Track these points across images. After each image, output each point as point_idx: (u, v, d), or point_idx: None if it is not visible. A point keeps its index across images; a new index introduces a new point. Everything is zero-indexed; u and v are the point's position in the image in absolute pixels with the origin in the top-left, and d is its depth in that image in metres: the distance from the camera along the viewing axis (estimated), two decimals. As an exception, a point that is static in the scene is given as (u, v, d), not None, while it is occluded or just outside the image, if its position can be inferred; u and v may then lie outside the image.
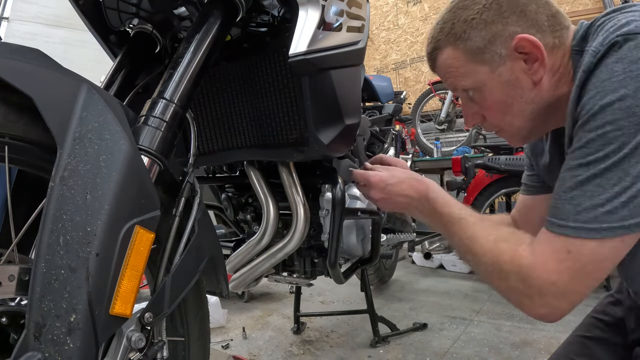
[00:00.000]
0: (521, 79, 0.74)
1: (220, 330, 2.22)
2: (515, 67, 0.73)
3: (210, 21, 0.81)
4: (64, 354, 0.50)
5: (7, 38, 4.21)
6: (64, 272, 0.51)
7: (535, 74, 0.73)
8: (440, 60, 0.80)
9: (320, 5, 0.85)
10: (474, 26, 0.73)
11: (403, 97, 2.73)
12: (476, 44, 0.74)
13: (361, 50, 0.99)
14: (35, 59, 0.59)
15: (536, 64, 0.72)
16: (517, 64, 0.73)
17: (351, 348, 1.97)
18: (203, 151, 1.17)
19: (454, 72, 0.79)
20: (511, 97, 0.76)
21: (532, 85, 0.74)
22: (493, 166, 2.69)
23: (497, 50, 0.73)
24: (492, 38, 0.72)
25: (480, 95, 0.79)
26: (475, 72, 0.76)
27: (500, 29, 0.72)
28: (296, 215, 1.13)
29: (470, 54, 0.75)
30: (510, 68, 0.73)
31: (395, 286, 3.01)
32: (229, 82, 1.07)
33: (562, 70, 0.73)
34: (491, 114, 0.80)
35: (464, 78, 0.78)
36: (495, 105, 0.78)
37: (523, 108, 0.76)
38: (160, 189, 0.72)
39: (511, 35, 0.71)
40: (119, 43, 1.05)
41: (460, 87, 0.80)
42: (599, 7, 4.15)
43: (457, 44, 0.76)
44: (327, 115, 0.95)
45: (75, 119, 0.56)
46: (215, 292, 0.90)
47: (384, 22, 5.96)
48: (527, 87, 0.74)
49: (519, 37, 0.70)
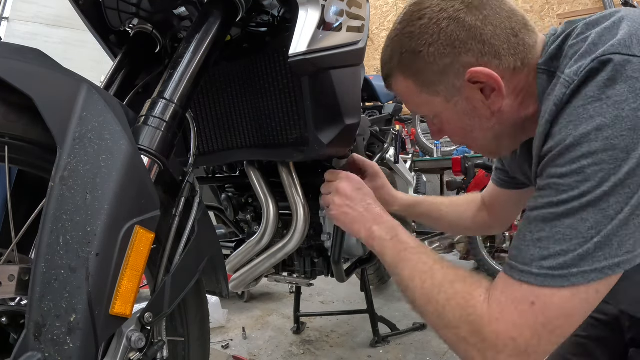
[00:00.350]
0: (478, 108, 0.69)
1: (220, 330, 2.22)
2: (471, 98, 0.68)
3: (210, 21, 0.81)
4: (64, 354, 0.50)
5: (7, 38, 4.21)
6: (64, 272, 0.51)
7: (493, 105, 0.67)
8: (394, 87, 0.77)
9: (320, 5, 0.85)
10: (423, 59, 0.67)
11: (403, 97, 2.73)
12: (427, 77, 0.69)
13: (361, 50, 0.99)
14: (35, 59, 0.59)
15: (493, 94, 0.66)
16: (473, 94, 0.68)
17: (351, 348, 1.97)
18: (203, 151, 1.17)
19: (408, 101, 0.77)
20: (470, 126, 0.72)
21: (491, 114, 0.69)
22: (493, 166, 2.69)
23: (450, 82, 0.68)
24: (443, 71, 0.67)
25: (439, 121, 0.76)
26: (429, 102, 0.72)
27: (450, 62, 0.66)
28: (296, 215, 1.13)
29: (422, 86, 0.71)
30: (465, 98, 0.69)
31: (395, 286, 3.00)
32: (229, 82, 1.07)
33: (528, 90, 0.68)
34: (453, 136, 0.78)
35: (419, 107, 0.76)
36: (455, 131, 0.76)
37: (484, 134, 0.73)
38: (160, 189, 0.72)
39: (464, 66, 0.65)
40: (119, 43, 1.05)
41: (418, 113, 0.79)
42: (599, 7, 4.15)
43: (407, 75, 0.72)
44: (327, 115, 0.95)
45: (75, 119, 0.56)
46: (215, 292, 0.90)
47: (384, 22, 5.96)
48: (486, 116, 0.69)
49: (471, 70, 0.65)
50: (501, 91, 0.65)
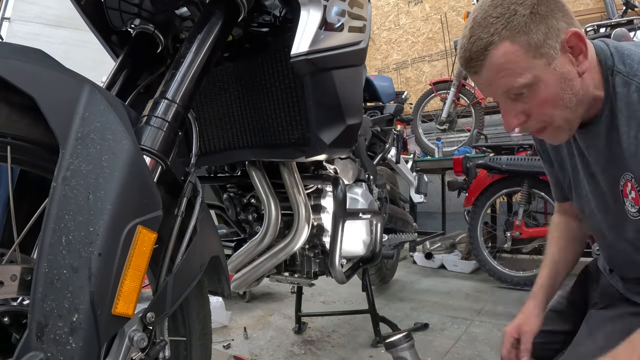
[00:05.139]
0: (570, 71, 0.77)
1: (221, 330, 2.22)
2: (566, 60, 0.76)
3: (212, 21, 0.81)
4: (66, 354, 0.50)
5: (9, 38, 4.21)
6: (67, 272, 0.51)
7: (580, 65, 0.77)
8: (495, 57, 0.76)
9: (322, 6, 0.85)
10: (533, 20, 0.74)
11: (404, 97, 2.73)
12: (536, 38, 0.74)
13: (362, 51, 0.99)
14: (38, 59, 0.59)
15: (581, 56, 0.76)
16: (567, 57, 0.76)
17: (352, 348, 1.97)
18: (205, 151, 1.17)
19: (511, 69, 0.77)
20: (563, 90, 0.77)
21: (578, 76, 0.77)
22: (494, 166, 2.69)
23: (552, 44, 0.74)
24: (548, 32, 0.74)
25: (533, 92, 0.78)
26: (534, 66, 0.76)
27: (554, 23, 0.74)
28: (298, 215, 1.13)
29: (530, 48, 0.75)
30: (562, 61, 0.76)
31: (397, 286, 3.01)
32: (230, 82, 1.07)
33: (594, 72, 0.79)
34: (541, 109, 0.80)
35: (523, 74, 0.77)
36: (548, 99, 0.78)
37: (571, 99, 0.79)
38: (162, 189, 0.72)
39: (562, 29, 0.74)
40: (121, 43, 1.05)
41: (516, 85, 0.78)
42: (600, 7, 4.14)
43: (516, 38, 0.74)
44: (329, 115, 0.95)
45: (78, 119, 0.56)
46: (216, 292, 0.90)
47: (385, 22, 5.96)
48: (575, 78, 0.77)
49: (570, 31, 0.74)
50: (587, 53, 0.76)
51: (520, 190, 2.68)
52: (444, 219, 4.08)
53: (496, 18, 0.75)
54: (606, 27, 3.28)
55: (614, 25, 3.26)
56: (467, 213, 2.94)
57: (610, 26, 3.27)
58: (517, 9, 0.74)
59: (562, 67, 0.76)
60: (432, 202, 4.07)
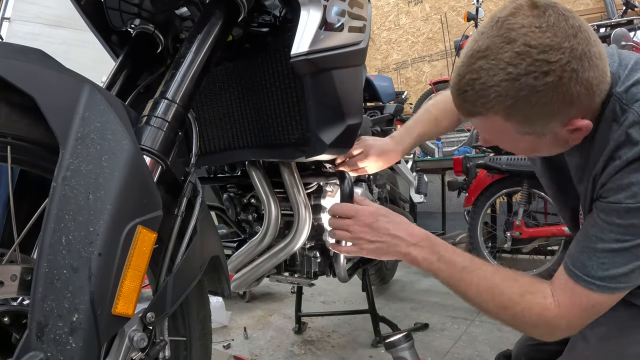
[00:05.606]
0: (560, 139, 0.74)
1: (221, 330, 2.22)
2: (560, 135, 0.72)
3: (212, 21, 0.81)
4: (66, 354, 0.50)
5: (9, 38, 4.21)
6: (67, 272, 0.51)
7: (574, 140, 0.74)
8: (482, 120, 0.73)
9: (322, 6, 0.85)
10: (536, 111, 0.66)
11: (404, 97, 2.73)
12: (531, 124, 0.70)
13: (363, 51, 0.99)
14: (38, 59, 0.59)
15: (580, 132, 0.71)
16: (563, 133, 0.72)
17: (352, 348, 1.97)
18: (205, 151, 1.17)
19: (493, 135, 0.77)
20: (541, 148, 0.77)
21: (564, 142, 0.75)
22: (494, 166, 2.69)
23: (550, 126, 0.70)
24: (548, 121, 0.69)
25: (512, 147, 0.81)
26: (518, 140, 0.74)
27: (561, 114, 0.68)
28: (298, 215, 1.13)
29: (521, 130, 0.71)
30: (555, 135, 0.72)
31: (397, 286, 3.01)
32: (230, 82, 1.07)
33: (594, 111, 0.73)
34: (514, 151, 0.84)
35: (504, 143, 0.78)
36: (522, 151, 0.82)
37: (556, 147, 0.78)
38: (162, 189, 0.72)
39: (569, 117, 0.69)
40: (121, 43, 1.05)
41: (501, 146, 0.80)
42: (600, 7, 4.14)
43: (509, 119, 0.69)
44: (329, 115, 0.95)
45: (78, 119, 0.56)
46: (216, 292, 0.90)
47: (385, 22, 5.96)
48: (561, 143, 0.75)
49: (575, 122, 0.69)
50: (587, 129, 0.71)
51: (520, 190, 2.69)
52: (444, 219, 4.08)
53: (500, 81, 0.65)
54: (606, 27, 3.28)
55: (614, 25, 3.26)
56: (467, 213, 2.94)
57: (610, 26, 3.27)
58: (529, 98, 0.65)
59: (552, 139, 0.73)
60: (432, 202, 4.07)
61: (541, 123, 0.70)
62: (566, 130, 0.71)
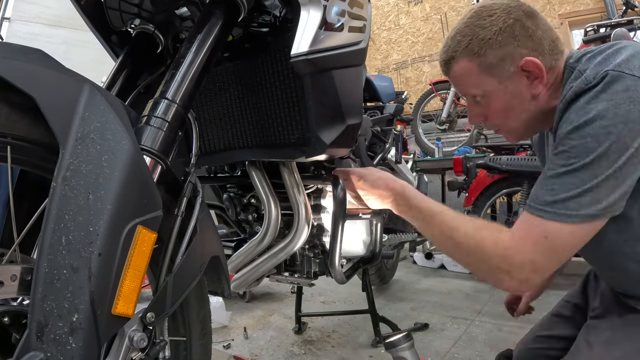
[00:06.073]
0: (523, 92, 0.86)
1: (221, 330, 2.22)
2: (519, 82, 0.85)
3: (212, 21, 0.81)
4: (66, 354, 0.50)
5: (9, 38, 4.21)
6: (66, 272, 0.51)
7: (534, 89, 0.86)
8: (455, 69, 0.90)
9: (322, 6, 0.85)
10: (490, 45, 0.84)
11: (404, 97, 2.73)
12: (489, 60, 0.85)
13: (362, 51, 0.99)
14: (37, 59, 0.59)
15: (536, 81, 0.84)
16: (521, 80, 0.85)
17: (352, 348, 1.97)
18: (205, 151, 1.17)
19: (466, 81, 0.90)
20: (512, 105, 0.88)
21: (531, 97, 0.87)
22: (494, 166, 2.69)
23: (506, 67, 0.84)
24: (503, 57, 0.84)
25: (486, 101, 0.90)
26: (484, 82, 0.88)
27: (511, 50, 0.83)
28: (298, 215, 1.13)
29: (482, 67, 0.86)
30: (515, 82, 0.85)
31: (397, 286, 3.01)
32: (230, 82, 1.07)
33: (555, 86, 0.86)
34: (493, 116, 0.93)
35: (475, 87, 0.90)
36: (497, 111, 0.90)
37: (521, 114, 0.89)
38: (162, 189, 0.72)
39: (520, 56, 0.83)
40: (121, 43, 1.05)
41: (470, 93, 0.92)
42: (600, 7, 4.14)
43: (472, 58, 0.86)
44: (329, 115, 0.95)
45: (78, 119, 0.56)
46: (216, 292, 0.90)
47: (385, 22, 5.96)
48: (527, 99, 0.87)
49: (526, 59, 0.82)
50: (542, 79, 0.84)
51: (520, 190, 2.68)
52: (444, 219, 4.07)
53: (463, 37, 0.87)
54: (606, 27, 3.28)
55: (614, 25, 3.26)
56: (467, 213, 2.94)
57: (610, 26, 3.27)
58: (479, 33, 0.85)
59: (513, 88, 0.86)
60: (432, 202, 4.06)
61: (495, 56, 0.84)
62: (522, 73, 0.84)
